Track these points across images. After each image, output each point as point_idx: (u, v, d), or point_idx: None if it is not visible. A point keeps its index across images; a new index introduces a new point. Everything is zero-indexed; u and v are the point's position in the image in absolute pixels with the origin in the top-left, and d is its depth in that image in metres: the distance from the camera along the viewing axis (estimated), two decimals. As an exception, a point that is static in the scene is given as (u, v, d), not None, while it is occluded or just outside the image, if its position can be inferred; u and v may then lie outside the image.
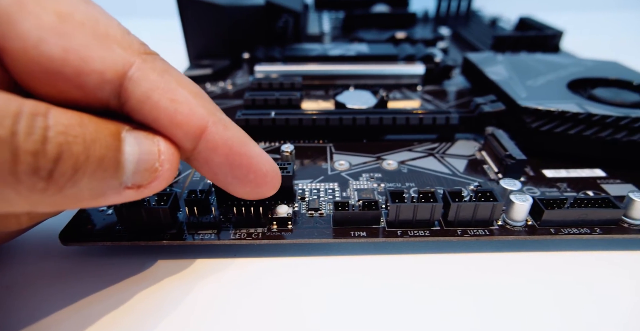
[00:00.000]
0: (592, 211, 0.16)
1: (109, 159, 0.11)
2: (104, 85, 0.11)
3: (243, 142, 0.13)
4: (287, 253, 0.16)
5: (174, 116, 0.12)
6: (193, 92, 0.12)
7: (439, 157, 0.21)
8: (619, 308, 0.14)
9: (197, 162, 0.13)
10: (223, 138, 0.13)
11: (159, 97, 0.11)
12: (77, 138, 0.10)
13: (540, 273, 0.15)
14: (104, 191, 0.11)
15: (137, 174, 0.11)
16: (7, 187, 0.09)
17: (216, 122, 0.12)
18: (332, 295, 0.14)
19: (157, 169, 0.12)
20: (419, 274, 0.15)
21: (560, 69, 0.26)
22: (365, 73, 0.30)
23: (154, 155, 0.12)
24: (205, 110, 0.12)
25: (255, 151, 0.13)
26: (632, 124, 0.19)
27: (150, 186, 0.12)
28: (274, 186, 0.14)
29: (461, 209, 0.16)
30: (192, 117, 0.12)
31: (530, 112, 0.21)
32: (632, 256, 0.16)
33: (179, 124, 0.12)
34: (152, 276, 0.15)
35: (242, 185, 0.13)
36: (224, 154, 0.13)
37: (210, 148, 0.12)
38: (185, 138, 0.12)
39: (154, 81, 0.11)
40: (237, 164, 0.13)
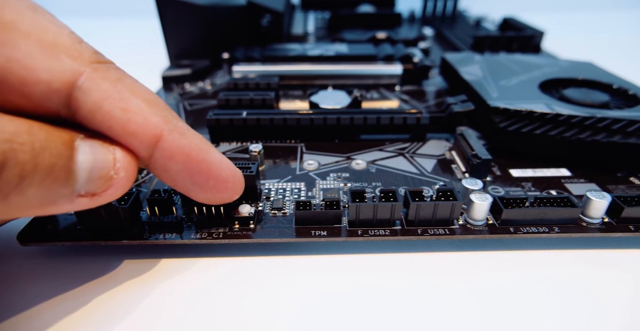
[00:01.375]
0: (550, 210, 0.16)
1: (59, 167, 0.11)
2: (51, 95, 0.11)
3: (201, 149, 0.13)
4: (251, 253, 0.16)
5: (126, 125, 0.12)
6: (147, 101, 0.12)
7: (409, 157, 0.21)
8: (578, 306, 0.14)
9: (156, 170, 0.13)
10: (179, 146, 0.12)
11: (110, 107, 0.11)
12: (24, 146, 0.10)
13: (502, 272, 0.15)
14: (55, 199, 0.11)
15: (90, 182, 0.11)
16: None
17: (172, 130, 0.12)
18: (293, 295, 0.14)
19: (112, 178, 0.12)
20: (382, 273, 0.15)
21: (535, 70, 0.26)
22: (344, 73, 0.30)
23: (109, 163, 0.12)
24: (160, 118, 0.12)
25: (214, 157, 0.13)
26: (597, 124, 0.19)
27: (105, 194, 0.12)
28: (236, 191, 0.14)
29: (421, 209, 0.16)
30: (146, 126, 0.12)
31: (499, 112, 0.21)
32: (590, 255, 0.16)
33: (132, 134, 0.12)
34: (114, 277, 0.15)
35: (202, 191, 0.13)
36: (181, 162, 0.13)
37: (167, 156, 0.12)
38: (141, 147, 0.12)
39: (105, 91, 0.11)
40: (196, 171, 0.13)
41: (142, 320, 0.13)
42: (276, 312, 0.14)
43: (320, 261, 0.16)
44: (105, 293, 0.14)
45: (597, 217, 0.16)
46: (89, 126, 0.12)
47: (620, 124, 0.19)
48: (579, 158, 0.20)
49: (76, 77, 0.11)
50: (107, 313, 0.14)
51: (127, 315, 0.14)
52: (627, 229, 0.16)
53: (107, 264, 0.16)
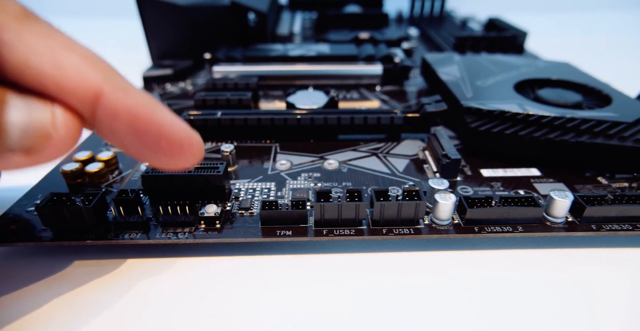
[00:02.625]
0: (514, 210, 0.16)
1: None
2: None
3: (149, 109, 0.12)
4: (218, 253, 0.16)
5: (60, 82, 0.11)
6: (83, 56, 0.11)
7: (382, 157, 0.21)
8: (543, 304, 0.14)
9: (102, 132, 0.12)
10: (124, 104, 0.11)
11: (40, 62, 0.10)
12: None
13: (468, 271, 0.15)
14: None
15: (25, 138, 0.11)
16: None
17: (113, 88, 0.11)
18: (257, 294, 0.15)
19: (50, 135, 0.11)
20: (348, 273, 0.15)
21: (513, 70, 0.27)
22: (324, 73, 0.30)
23: (47, 119, 0.11)
24: (99, 74, 0.11)
25: (164, 118, 0.12)
26: (566, 125, 0.19)
27: (44, 153, 0.11)
28: (193, 154, 0.13)
29: (385, 209, 0.16)
30: (83, 83, 0.11)
31: (472, 112, 0.21)
32: (554, 254, 0.16)
33: (67, 91, 0.11)
34: (77, 277, 0.15)
35: (156, 155, 0.12)
36: (127, 122, 0.11)
37: (111, 116, 0.11)
38: (80, 105, 0.11)
39: (32, 45, 0.10)
40: (145, 133, 0.12)
41: (105, 320, 0.13)
42: (239, 312, 0.14)
43: (288, 261, 0.16)
44: (68, 294, 0.14)
45: (561, 216, 0.16)
46: (19, 83, 0.11)
47: (589, 125, 0.19)
48: (550, 158, 0.20)
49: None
50: (70, 314, 0.14)
51: (90, 315, 0.14)
52: (590, 228, 0.16)
53: (71, 264, 0.16)
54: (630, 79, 0.32)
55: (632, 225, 0.16)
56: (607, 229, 0.16)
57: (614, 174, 0.19)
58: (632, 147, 0.18)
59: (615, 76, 0.31)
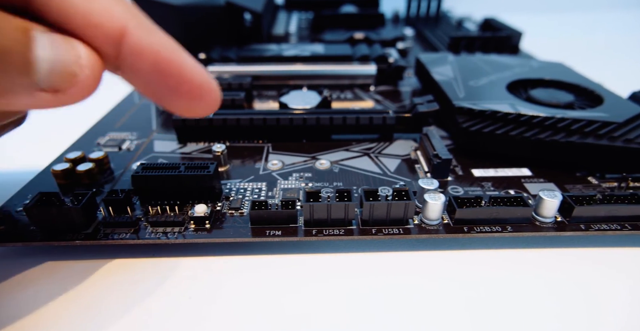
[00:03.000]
0: (503, 210, 0.16)
1: (16, 53, 0.10)
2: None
3: (172, 49, 0.12)
4: (207, 253, 0.16)
5: (88, 15, 0.11)
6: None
7: (374, 157, 0.21)
8: (530, 305, 0.14)
9: (124, 71, 0.12)
10: (148, 43, 0.11)
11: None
12: None
13: (456, 271, 0.15)
14: (13, 88, 0.10)
15: (53, 75, 0.11)
16: None
17: (138, 26, 0.11)
18: (246, 294, 0.15)
19: (76, 74, 0.11)
20: (339, 273, 0.15)
21: (506, 70, 0.27)
22: (318, 73, 0.30)
23: (73, 58, 0.11)
24: (126, 10, 0.11)
25: (186, 60, 0.12)
26: (557, 125, 0.19)
27: (70, 92, 0.11)
28: (212, 100, 0.13)
29: (375, 209, 0.16)
30: (109, 18, 0.11)
31: (463, 112, 0.21)
32: (544, 254, 0.16)
33: (95, 25, 0.11)
34: (67, 278, 0.15)
35: (176, 98, 0.12)
36: (150, 61, 0.11)
37: (135, 54, 0.11)
38: (105, 42, 0.11)
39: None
40: (167, 73, 0.12)
41: (94, 320, 0.13)
42: (226, 312, 0.14)
43: (278, 261, 0.16)
44: (56, 294, 0.14)
45: (550, 216, 0.16)
46: (46, 17, 0.11)
47: (579, 125, 0.19)
48: (541, 158, 0.20)
49: None
50: (58, 314, 0.14)
51: (79, 316, 0.14)
52: (578, 228, 0.16)
53: (60, 265, 0.16)
54: (625, 79, 0.32)
55: (621, 225, 0.16)
56: (595, 229, 0.16)
57: (604, 174, 0.19)
58: (621, 147, 0.18)
59: (611, 76, 0.31)
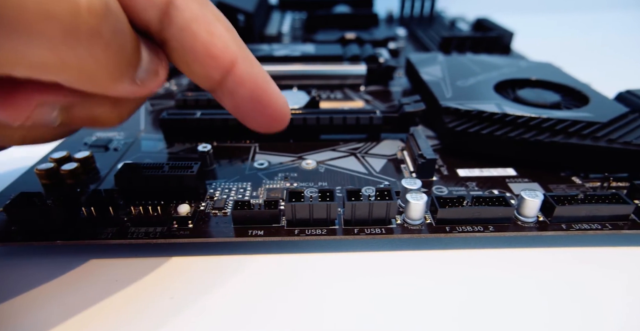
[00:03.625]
0: (485, 210, 0.16)
1: (131, 44, 0.11)
2: (149, 8, 0.12)
3: (266, 80, 0.14)
4: (190, 252, 0.16)
5: (209, 47, 0.12)
6: (226, 27, 0.13)
7: (360, 157, 0.21)
8: (512, 304, 0.14)
9: (222, 93, 0.14)
10: (250, 74, 0.13)
11: (197, 28, 0.12)
12: (119, 10, 0.11)
13: (439, 271, 0.16)
14: (125, 72, 0.11)
15: (146, 72, 0.12)
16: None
17: (245, 58, 0.13)
18: (228, 294, 0.15)
19: (158, 74, 0.13)
20: (322, 273, 0.16)
21: (494, 70, 0.27)
22: (308, 73, 0.30)
23: (159, 61, 0.13)
24: (237, 46, 0.13)
25: (275, 89, 0.14)
26: (541, 125, 0.19)
27: (149, 86, 0.13)
28: (285, 122, 0.15)
29: (357, 208, 0.16)
30: (226, 51, 0.13)
31: (450, 112, 0.21)
32: (527, 253, 0.16)
33: (213, 56, 0.13)
34: (47, 278, 0.15)
35: (260, 118, 0.15)
36: (249, 89, 0.14)
37: (238, 82, 0.13)
38: (216, 70, 0.13)
39: (194, 11, 0.12)
40: (259, 99, 0.14)
41: (73, 320, 0.13)
42: (207, 312, 0.14)
43: (260, 261, 0.16)
44: (38, 294, 0.14)
45: (531, 216, 0.16)
46: (171, 44, 0.12)
47: (563, 125, 0.19)
48: (526, 158, 0.20)
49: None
50: (38, 315, 0.14)
51: (59, 316, 0.14)
52: (560, 228, 0.16)
53: (41, 265, 0.16)
54: (616, 79, 0.32)
55: (601, 224, 0.16)
56: (576, 229, 0.16)
57: (588, 174, 0.19)
58: (604, 147, 0.18)
59: (602, 75, 0.31)
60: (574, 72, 0.27)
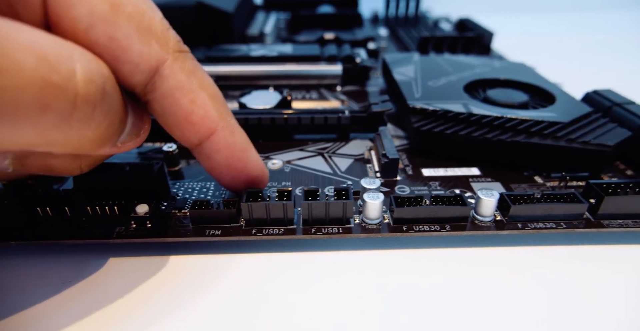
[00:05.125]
0: (441, 209, 0.16)
1: (120, 116, 0.12)
2: (135, 74, 0.12)
3: (243, 148, 0.15)
4: (150, 252, 0.16)
5: (189, 115, 0.13)
6: (211, 96, 0.13)
7: (327, 157, 0.21)
8: (468, 304, 0.14)
9: (199, 155, 0.15)
10: (227, 142, 0.14)
11: (180, 96, 0.13)
12: (113, 87, 0.11)
13: (399, 271, 0.16)
14: (109, 140, 0.12)
15: (128, 136, 0.13)
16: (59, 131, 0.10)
17: (224, 127, 0.14)
18: (185, 294, 0.15)
19: (139, 135, 0.13)
20: (278, 272, 0.16)
21: (467, 70, 0.27)
22: (284, 73, 0.30)
23: (143, 127, 0.13)
24: (218, 114, 0.14)
25: (251, 158, 0.15)
26: (505, 124, 0.20)
27: (128, 145, 0.13)
28: (261, 186, 0.16)
29: (313, 208, 0.16)
30: (205, 120, 0.13)
31: (417, 112, 0.21)
32: (485, 252, 0.16)
33: (192, 123, 0.13)
34: (3, 278, 0.15)
35: (232, 182, 0.16)
36: (224, 156, 0.14)
37: (214, 149, 0.14)
38: (195, 135, 0.14)
39: (179, 81, 0.13)
40: (234, 166, 0.15)
41: (24, 320, 0.13)
42: (160, 312, 0.14)
43: (219, 261, 0.16)
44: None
45: (488, 215, 0.16)
46: (153, 107, 0.13)
47: (526, 125, 0.19)
48: (491, 158, 0.20)
49: (160, 64, 0.12)
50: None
51: (15, 317, 0.14)
52: (516, 227, 0.16)
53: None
54: (593, 79, 0.32)
55: (556, 223, 0.16)
56: (531, 228, 0.16)
57: (550, 173, 0.19)
58: (564, 147, 0.18)
59: (580, 75, 0.31)
60: (553, 72, 0.27)
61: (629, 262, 0.16)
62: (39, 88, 0.09)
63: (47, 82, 0.09)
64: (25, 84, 0.09)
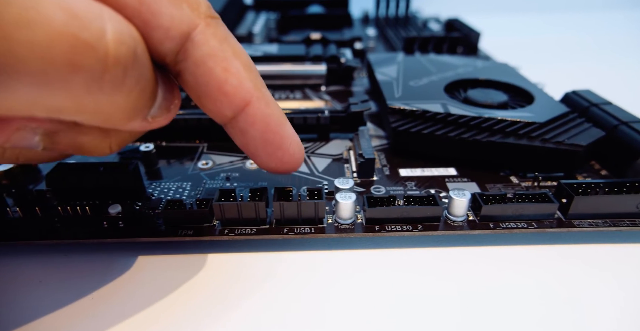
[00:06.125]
0: (413, 209, 0.16)
1: (150, 86, 0.11)
2: (166, 41, 0.11)
3: (280, 122, 0.14)
4: (122, 252, 0.16)
5: (223, 85, 0.12)
6: (245, 65, 0.13)
7: (306, 157, 0.21)
8: (443, 303, 0.14)
9: (233, 130, 0.14)
10: (263, 114, 0.13)
11: (213, 64, 0.12)
12: (144, 53, 0.10)
13: (369, 270, 0.16)
14: (139, 112, 0.11)
15: (158, 110, 0.12)
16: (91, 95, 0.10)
17: (260, 98, 0.13)
18: (153, 294, 0.15)
19: (170, 110, 0.13)
20: (251, 272, 0.16)
21: (449, 70, 0.27)
22: (267, 73, 0.30)
23: (173, 100, 0.13)
24: (253, 85, 0.13)
25: (288, 132, 0.14)
26: (481, 125, 0.20)
27: (159, 121, 0.12)
28: (297, 165, 0.15)
29: (285, 208, 0.16)
30: (240, 90, 0.12)
31: (395, 112, 0.22)
32: (459, 252, 0.16)
33: (226, 94, 0.12)
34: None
35: (268, 160, 0.14)
36: (260, 130, 0.13)
37: (249, 122, 0.13)
38: (229, 107, 0.13)
39: (212, 48, 0.12)
40: (270, 141, 0.14)
41: None
42: (129, 312, 0.14)
43: (191, 261, 0.16)
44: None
45: (460, 215, 0.16)
46: (185, 77, 0.12)
47: (502, 125, 0.19)
48: (467, 158, 0.20)
49: (191, 29, 0.11)
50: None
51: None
52: (487, 226, 0.16)
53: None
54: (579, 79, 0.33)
55: (528, 223, 0.16)
56: (503, 228, 0.16)
57: (526, 173, 0.20)
58: (539, 147, 0.18)
59: (566, 75, 0.31)
60: (541, 72, 0.27)
61: (600, 261, 0.16)
62: (69, 45, 0.09)
63: (77, 39, 0.09)
64: (55, 40, 0.09)
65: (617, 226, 0.16)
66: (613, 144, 0.19)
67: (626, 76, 0.36)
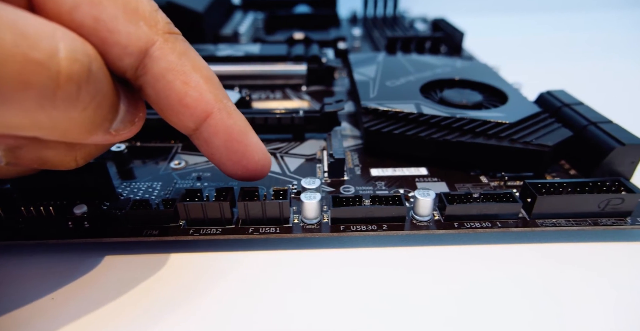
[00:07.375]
0: (378, 209, 0.16)
1: (110, 99, 0.11)
2: (124, 57, 0.12)
3: (242, 131, 0.14)
4: (87, 252, 0.16)
5: (183, 97, 0.13)
6: (205, 77, 0.13)
7: (279, 157, 0.21)
8: (411, 302, 0.14)
9: (198, 141, 0.14)
10: (225, 125, 0.14)
11: (173, 78, 0.12)
12: (100, 69, 0.11)
13: (335, 269, 0.16)
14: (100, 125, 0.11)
15: (122, 123, 0.12)
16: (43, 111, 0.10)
17: (221, 109, 0.13)
18: (115, 294, 0.15)
19: (134, 123, 0.13)
20: (217, 272, 0.16)
21: (428, 70, 0.27)
22: (248, 74, 0.30)
23: (138, 111, 0.13)
24: (214, 96, 0.13)
25: (252, 140, 0.15)
26: (452, 125, 0.20)
27: (122, 134, 0.13)
28: (263, 173, 0.16)
29: (250, 208, 0.16)
30: (200, 102, 0.13)
31: (369, 112, 0.22)
32: (425, 251, 0.16)
33: (187, 106, 0.13)
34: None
35: (234, 168, 0.15)
36: (223, 139, 0.14)
37: (212, 132, 0.14)
38: (190, 119, 0.13)
39: (171, 62, 0.12)
40: (234, 150, 0.14)
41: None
42: (90, 312, 0.14)
43: (154, 260, 0.16)
44: None
45: (426, 215, 0.16)
46: (146, 91, 0.13)
47: (473, 125, 0.19)
48: (439, 158, 0.20)
49: (149, 46, 0.12)
50: None
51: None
52: (452, 226, 0.16)
53: None
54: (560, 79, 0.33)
55: (492, 223, 0.16)
56: (467, 227, 0.16)
57: (495, 173, 0.20)
58: (507, 147, 0.18)
59: (550, 76, 0.31)
60: (523, 72, 0.27)
61: (564, 260, 0.16)
62: (20, 64, 0.09)
63: (27, 58, 0.09)
64: (5, 60, 0.09)
65: (580, 226, 0.16)
66: (582, 144, 0.19)
67: (610, 76, 0.36)
